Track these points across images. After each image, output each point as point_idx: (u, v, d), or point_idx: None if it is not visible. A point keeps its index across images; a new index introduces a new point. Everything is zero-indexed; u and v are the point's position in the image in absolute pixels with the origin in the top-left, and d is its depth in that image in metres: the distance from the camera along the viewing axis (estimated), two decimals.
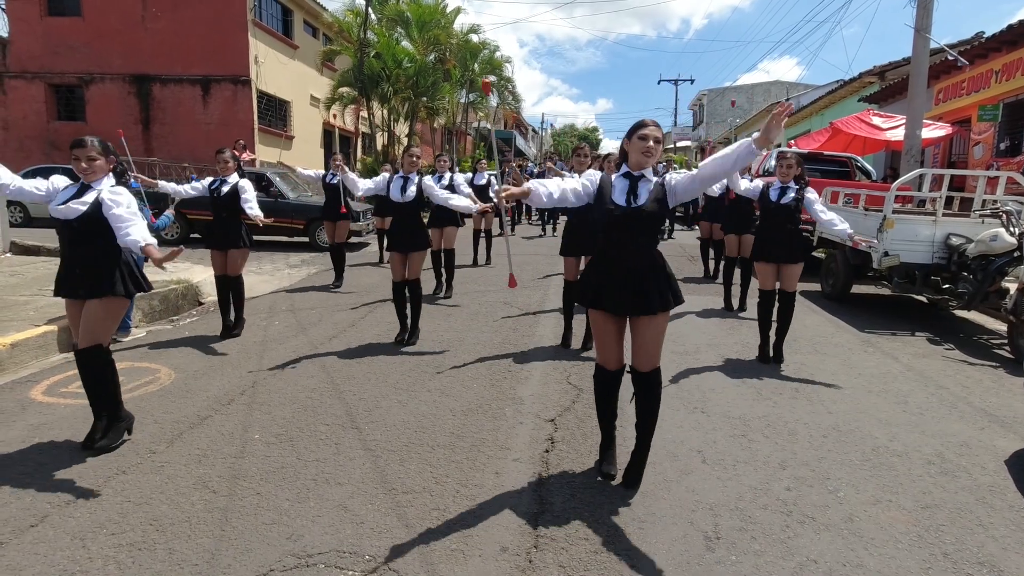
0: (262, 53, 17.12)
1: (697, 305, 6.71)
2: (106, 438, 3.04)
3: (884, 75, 15.99)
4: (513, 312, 6.22)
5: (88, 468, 2.87)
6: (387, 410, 3.63)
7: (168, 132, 16.79)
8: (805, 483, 2.86)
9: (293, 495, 2.66)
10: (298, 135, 19.35)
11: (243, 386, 4.01)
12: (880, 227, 6.10)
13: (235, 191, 5.06)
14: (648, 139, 2.60)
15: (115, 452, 3.04)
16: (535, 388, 4.04)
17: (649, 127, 2.63)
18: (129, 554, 2.24)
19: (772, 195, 4.75)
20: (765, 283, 4.78)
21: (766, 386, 4.19)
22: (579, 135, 64.50)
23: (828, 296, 7.30)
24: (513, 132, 37.77)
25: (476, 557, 2.26)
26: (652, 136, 2.61)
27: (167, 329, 5.53)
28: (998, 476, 3.00)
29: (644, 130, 2.62)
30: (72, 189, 3.04)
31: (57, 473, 2.82)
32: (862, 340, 5.49)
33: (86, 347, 2.97)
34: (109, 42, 16.32)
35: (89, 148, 2.98)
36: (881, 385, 4.29)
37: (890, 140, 10.96)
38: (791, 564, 2.26)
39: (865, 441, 3.34)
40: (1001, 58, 10.73)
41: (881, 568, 2.25)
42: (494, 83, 22.99)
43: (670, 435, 3.34)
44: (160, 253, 2.78)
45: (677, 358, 4.76)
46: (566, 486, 2.78)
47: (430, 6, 19.85)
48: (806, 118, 21.20)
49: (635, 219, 2.62)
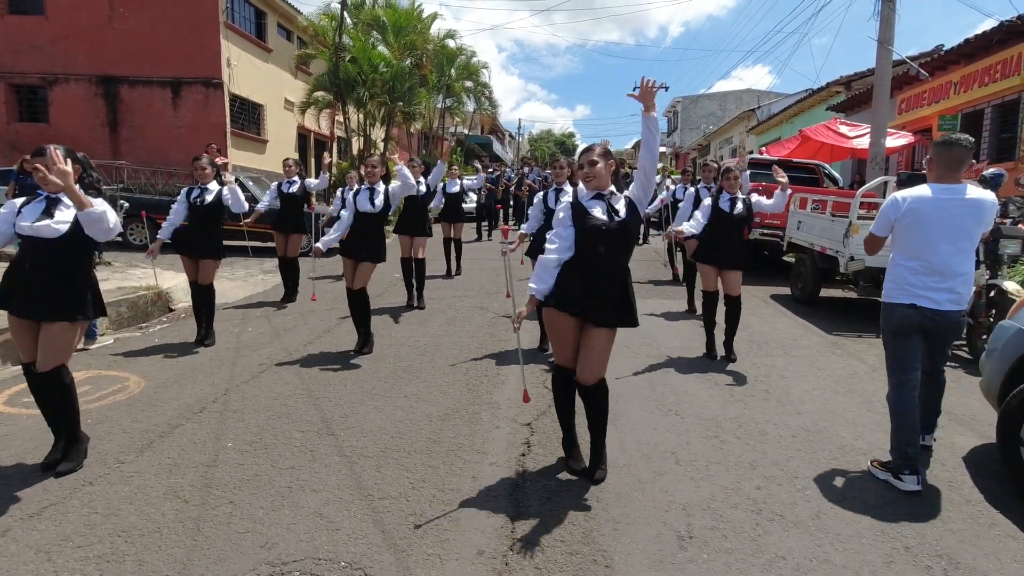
0: (235, 56, 16.86)
1: (670, 308, 6.82)
2: (69, 461, 2.90)
3: (850, 85, 16.49)
4: (489, 317, 6.23)
5: (53, 480, 2.80)
6: (363, 416, 3.61)
7: (137, 135, 16.40)
8: (775, 482, 2.93)
9: (267, 503, 2.63)
10: (272, 139, 19.09)
11: (215, 394, 3.95)
12: (846, 232, 6.29)
13: (218, 200, 4.98)
14: (583, 166, 2.82)
15: (82, 463, 2.96)
16: (512, 393, 4.06)
17: (583, 154, 2.87)
18: (97, 567, 2.19)
19: (724, 206, 4.93)
20: (708, 284, 5.01)
21: (738, 388, 4.28)
22: (556, 140, 64.96)
23: (798, 299, 7.49)
24: (490, 137, 37.86)
25: (453, 561, 2.27)
26: (585, 161, 2.83)
27: (136, 336, 5.41)
28: (956, 472, 3.12)
29: (580, 159, 2.88)
30: (40, 204, 2.85)
31: (20, 486, 2.74)
32: (830, 342, 5.64)
33: (50, 370, 2.83)
34: (74, 42, 15.89)
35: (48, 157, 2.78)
36: (848, 386, 4.42)
37: (856, 148, 11.29)
38: (761, 561, 2.32)
39: (832, 440, 3.44)
40: (959, 70, 11.17)
41: (846, 562, 2.32)
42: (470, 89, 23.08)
43: (645, 437, 3.40)
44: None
45: (652, 361, 4.83)
46: (542, 489, 2.81)
47: (406, 11, 19.80)
48: (776, 125, 21.71)
49: (621, 233, 2.75)
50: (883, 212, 3.07)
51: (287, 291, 6.97)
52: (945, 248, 2.88)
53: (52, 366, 2.84)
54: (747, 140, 25.28)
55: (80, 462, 2.94)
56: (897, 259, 3.03)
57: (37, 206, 2.86)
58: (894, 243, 3.07)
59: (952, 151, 2.90)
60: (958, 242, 2.89)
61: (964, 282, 2.93)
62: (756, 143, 22.99)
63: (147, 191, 11.25)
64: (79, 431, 3.00)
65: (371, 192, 4.92)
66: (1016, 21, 9.24)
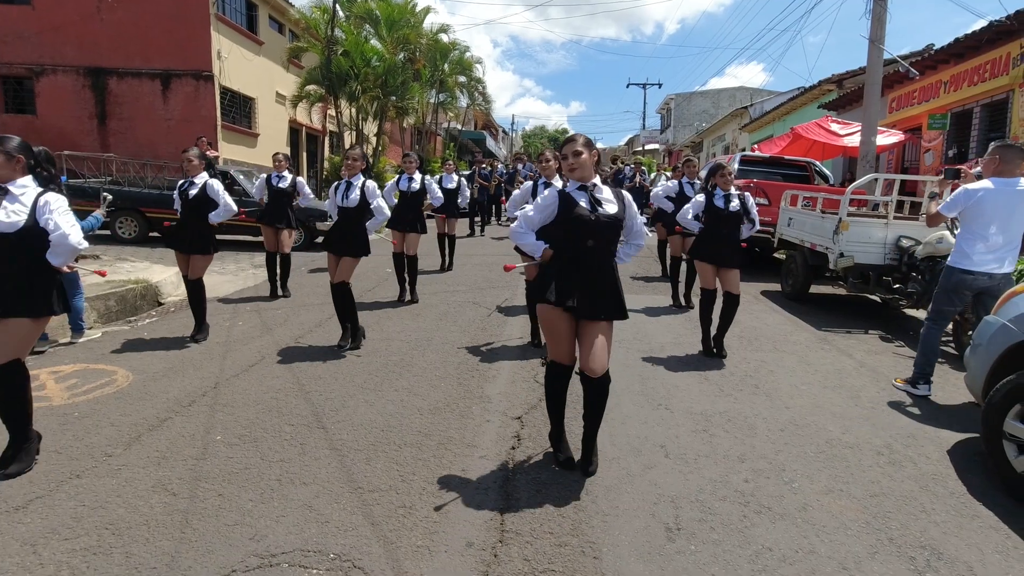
0: (225, 48, 16.70)
1: (660, 304, 6.85)
2: (18, 463, 2.77)
3: (842, 83, 16.57)
4: (481, 312, 6.23)
5: (39, 473, 2.77)
6: (354, 410, 3.60)
7: (126, 128, 16.22)
8: (762, 475, 2.96)
9: (256, 495, 2.62)
10: (263, 133, 18.94)
11: (205, 387, 3.93)
12: (836, 229, 6.33)
13: (203, 193, 4.91)
14: (567, 156, 2.78)
15: (68, 455, 2.95)
16: (502, 387, 4.06)
17: (566, 144, 2.83)
18: (84, 559, 2.18)
19: (719, 203, 4.94)
20: (707, 282, 5.01)
21: (727, 383, 4.31)
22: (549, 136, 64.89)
23: (788, 296, 7.54)
24: (483, 133, 37.78)
25: (442, 552, 2.28)
26: (570, 152, 2.79)
27: (124, 330, 5.36)
28: (941, 465, 3.16)
29: (564, 149, 2.83)
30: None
31: (5, 478, 2.71)
32: (819, 338, 5.69)
33: (6, 362, 2.71)
34: (62, 33, 15.67)
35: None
36: (836, 381, 4.46)
37: (847, 146, 11.37)
38: (748, 552, 2.34)
39: (820, 434, 3.47)
40: (949, 70, 11.25)
41: (831, 553, 2.35)
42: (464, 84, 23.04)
43: (634, 431, 3.42)
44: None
45: (642, 356, 4.85)
46: (532, 482, 2.82)
47: (399, 5, 19.69)
48: (769, 123, 21.79)
49: (609, 226, 2.76)
50: (955, 198, 3.92)
51: (277, 287, 6.80)
52: (1002, 227, 3.81)
53: (8, 359, 2.71)
54: (739, 138, 25.37)
55: (30, 463, 2.81)
56: (964, 234, 3.94)
57: None
58: (962, 222, 3.97)
59: (1011, 151, 3.81)
60: (1011, 222, 3.82)
61: (1012, 250, 3.89)
62: (748, 140, 23.09)
63: (136, 184, 11.13)
64: (30, 429, 2.85)
65: (348, 186, 4.85)
66: (1005, 21, 9.31)
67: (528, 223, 2.90)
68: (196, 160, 4.95)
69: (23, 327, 2.76)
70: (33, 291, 2.76)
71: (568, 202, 2.77)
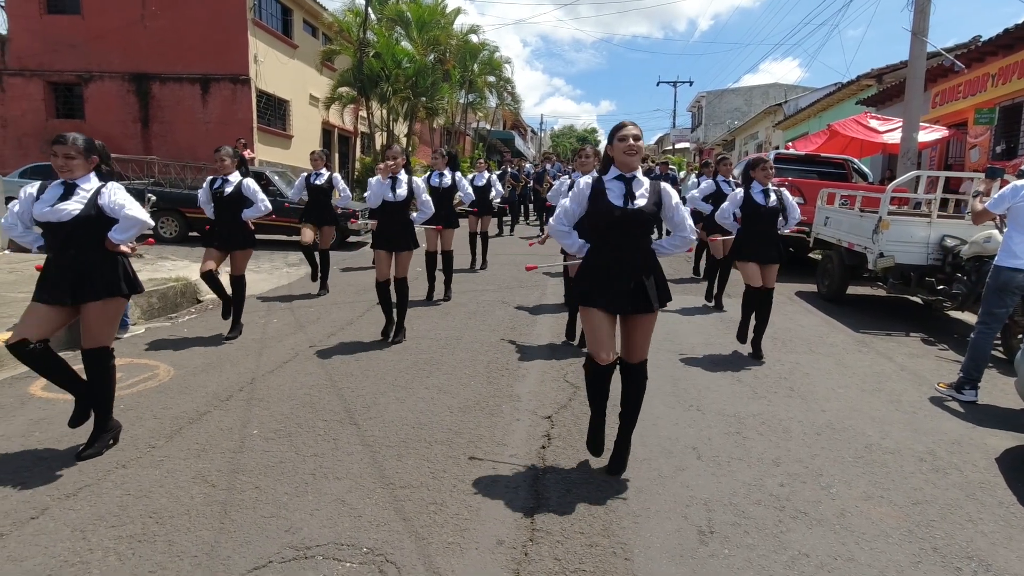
0: (261, 52, 17.13)
1: (692, 304, 6.75)
2: (94, 447, 2.96)
3: (882, 78, 16.05)
4: (511, 311, 6.25)
5: (88, 463, 2.89)
6: (385, 407, 3.65)
7: (167, 131, 16.80)
8: (798, 479, 2.89)
9: (291, 489, 2.68)
10: (297, 135, 19.36)
11: (242, 383, 4.03)
12: (876, 228, 6.14)
13: (239, 191, 5.04)
14: (628, 139, 2.69)
15: (114, 447, 3.06)
16: (532, 386, 4.06)
17: (627, 127, 2.73)
18: (129, 546, 2.27)
19: (758, 199, 4.83)
20: (753, 280, 4.87)
21: (761, 384, 4.22)
22: (578, 136, 64.62)
23: (824, 297, 7.34)
24: (512, 133, 37.82)
25: (473, 550, 2.29)
26: (631, 135, 2.70)
27: (165, 326, 5.55)
28: (989, 473, 3.03)
29: (623, 131, 2.73)
30: (57, 189, 2.91)
31: (57, 467, 2.84)
32: (856, 340, 5.53)
33: (92, 348, 2.93)
34: (108, 40, 16.32)
35: (69, 146, 2.87)
36: (875, 384, 4.33)
37: (887, 143, 11.01)
38: (783, 558, 2.29)
39: (858, 439, 3.38)
40: (997, 62, 10.79)
41: (871, 562, 2.28)
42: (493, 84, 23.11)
43: (665, 432, 3.38)
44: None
45: (674, 357, 4.79)
46: (562, 481, 2.81)
47: (430, 6, 19.87)
48: (804, 120, 21.26)
49: (635, 220, 2.70)
50: (1003, 194, 3.89)
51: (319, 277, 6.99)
52: None
53: (94, 345, 2.94)
54: (773, 135, 24.82)
55: (103, 450, 3.00)
56: (1011, 232, 3.87)
57: (54, 190, 2.91)
58: (1010, 220, 3.89)
59: None
60: None
61: None
62: (782, 138, 22.57)
63: (177, 185, 11.51)
64: (111, 419, 3.06)
65: (393, 181, 4.98)
66: None
67: (567, 216, 2.87)
68: (228, 159, 5.07)
69: (102, 312, 2.93)
70: (116, 272, 2.97)
71: (597, 193, 2.73)
